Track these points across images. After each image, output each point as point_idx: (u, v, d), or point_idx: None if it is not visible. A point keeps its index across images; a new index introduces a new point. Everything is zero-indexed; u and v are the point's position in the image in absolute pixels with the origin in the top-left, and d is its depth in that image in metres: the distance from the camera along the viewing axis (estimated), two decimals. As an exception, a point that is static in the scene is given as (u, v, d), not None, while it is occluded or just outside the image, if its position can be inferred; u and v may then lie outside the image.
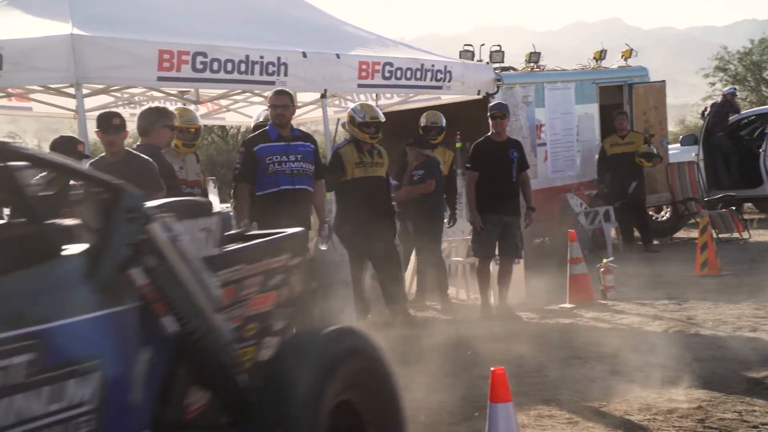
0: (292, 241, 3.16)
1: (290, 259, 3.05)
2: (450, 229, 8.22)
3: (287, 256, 3.04)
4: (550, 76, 10.36)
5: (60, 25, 5.97)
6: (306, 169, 5.87)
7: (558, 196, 10.08)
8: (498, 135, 7.12)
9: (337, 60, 7.37)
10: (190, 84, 7.16)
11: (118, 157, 5.00)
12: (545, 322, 6.81)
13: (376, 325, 6.62)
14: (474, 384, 4.81)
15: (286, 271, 3.03)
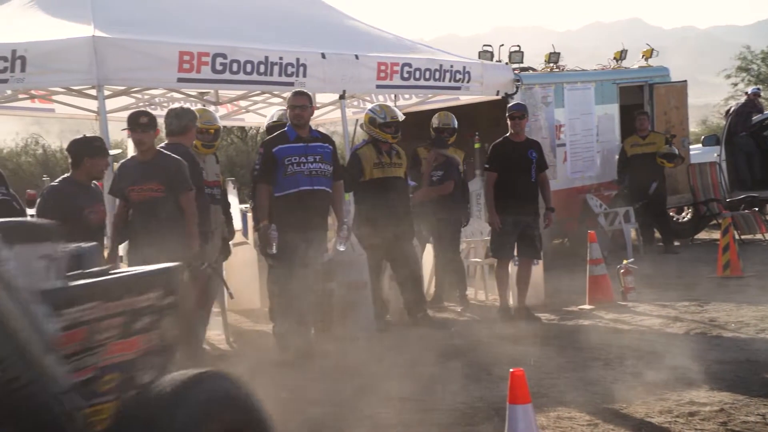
0: (165, 276, 2.68)
1: (161, 297, 2.59)
2: (468, 230, 8.20)
3: (158, 293, 2.58)
4: (569, 76, 10.30)
5: (82, 27, 6.03)
6: (324, 170, 5.88)
7: (577, 196, 10.02)
8: (517, 135, 7.09)
9: (356, 61, 7.38)
10: (210, 85, 7.20)
11: (148, 156, 5.06)
12: (564, 323, 6.77)
13: (394, 326, 6.63)
14: (493, 385, 4.79)
15: (157, 312, 2.56)
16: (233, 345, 6.47)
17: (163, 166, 5.02)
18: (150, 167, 5.01)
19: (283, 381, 5.13)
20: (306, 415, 4.45)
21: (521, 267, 7.05)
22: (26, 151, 17.67)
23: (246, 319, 7.56)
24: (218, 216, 6.04)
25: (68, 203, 4.67)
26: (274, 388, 4.95)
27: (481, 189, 8.28)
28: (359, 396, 4.72)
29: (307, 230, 5.75)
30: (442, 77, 8.07)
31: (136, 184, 5.01)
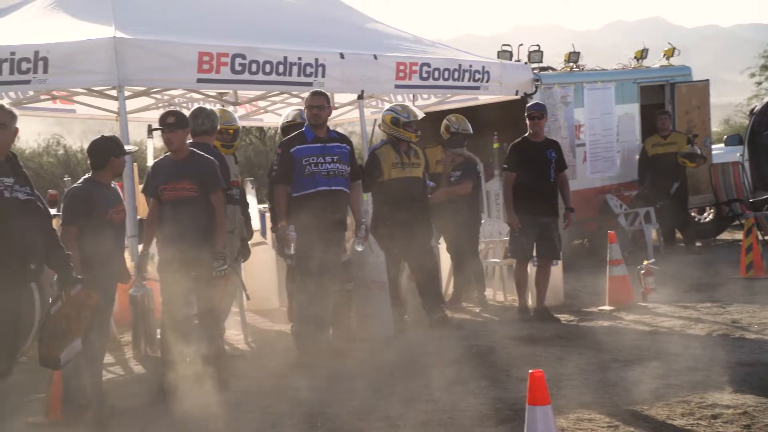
0: None
1: None
2: (487, 230, 8.18)
3: None
4: (589, 75, 10.24)
5: (103, 28, 6.09)
6: (342, 170, 5.89)
7: (597, 197, 9.97)
8: (535, 135, 7.06)
9: (375, 61, 7.38)
10: (229, 85, 7.24)
11: (181, 155, 5.10)
12: (584, 324, 6.73)
13: (412, 326, 6.63)
14: (512, 386, 4.78)
15: None
16: (252, 345, 6.51)
17: (195, 166, 5.06)
18: (183, 166, 5.05)
19: (301, 381, 5.15)
20: (325, 415, 4.46)
21: (540, 268, 7.02)
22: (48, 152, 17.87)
23: (264, 319, 7.59)
24: (237, 216, 6.08)
25: (94, 204, 4.71)
26: (293, 389, 4.99)
27: (499, 189, 8.25)
28: (377, 396, 4.72)
29: (325, 230, 5.77)
30: (461, 77, 8.06)
31: (169, 183, 5.06)
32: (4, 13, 6.86)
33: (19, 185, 3.80)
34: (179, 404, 4.77)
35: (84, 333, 4.12)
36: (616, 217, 9.76)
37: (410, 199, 6.60)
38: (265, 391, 5.01)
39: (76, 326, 4.03)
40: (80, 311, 4.06)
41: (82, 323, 4.08)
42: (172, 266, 4.97)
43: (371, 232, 6.39)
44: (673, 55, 11.06)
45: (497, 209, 8.54)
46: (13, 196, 3.74)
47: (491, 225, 8.37)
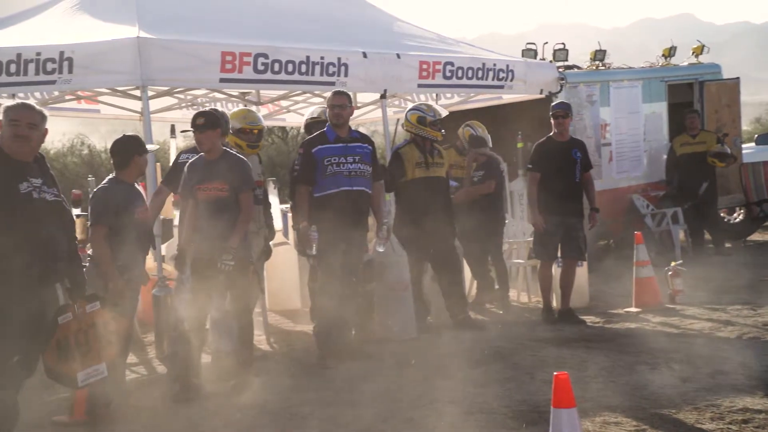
0: None
1: None
2: (511, 231, 8.14)
3: None
4: (615, 74, 10.16)
5: (127, 28, 6.15)
6: (364, 171, 5.90)
7: (623, 197, 9.88)
8: (560, 135, 7.02)
9: (398, 60, 7.38)
10: (252, 85, 7.28)
11: (214, 155, 5.12)
12: (610, 326, 6.67)
13: (435, 327, 6.62)
14: (536, 389, 4.75)
15: None
16: (273, 345, 6.54)
17: (228, 166, 5.09)
18: (215, 166, 5.08)
19: (323, 382, 5.16)
20: (347, 417, 4.47)
21: (565, 268, 6.98)
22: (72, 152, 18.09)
23: (286, 319, 7.62)
24: (261, 216, 6.11)
25: (121, 203, 4.75)
26: (315, 389, 5.00)
27: (523, 189, 8.21)
28: (399, 398, 4.72)
29: (347, 231, 5.77)
30: (485, 76, 8.03)
31: (203, 183, 5.10)
32: (31, 14, 6.97)
33: (47, 186, 3.85)
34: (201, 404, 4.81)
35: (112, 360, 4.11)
36: (643, 217, 9.68)
37: (433, 199, 6.58)
38: (287, 391, 5.02)
39: (96, 348, 3.98)
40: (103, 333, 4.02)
41: (108, 349, 4.06)
42: (206, 266, 5.00)
43: (394, 232, 6.38)
44: (702, 53, 10.92)
45: (521, 209, 8.50)
46: (41, 197, 3.79)
47: (515, 225, 8.33)
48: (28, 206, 3.74)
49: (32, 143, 3.84)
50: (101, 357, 4.04)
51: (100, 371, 4.03)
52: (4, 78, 5.83)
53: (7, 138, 3.79)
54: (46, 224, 3.79)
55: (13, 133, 3.78)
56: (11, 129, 3.78)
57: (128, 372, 5.40)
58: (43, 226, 3.77)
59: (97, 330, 4.03)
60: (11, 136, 3.78)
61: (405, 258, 6.43)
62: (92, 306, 4.03)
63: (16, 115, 3.80)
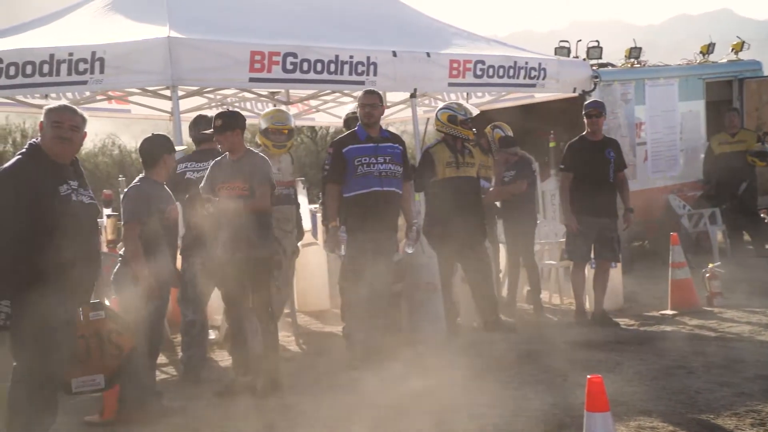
0: None
1: None
2: (543, 231, 8.09)
3: None
4: (651, 72, 10.04)
5: (158, 28, 6.23)
6: (394, 171, 5.89)
7: (659, 197, 9.76)
8: (593, 134, 6.95)
9: (428, 59, 7.38)
10: (281, 84, 7.33)
11: (237, 155, 5.16)
12: (645, 329, 6.59)
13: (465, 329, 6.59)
14: (569, 392, 4.70)
15: None
16: (303, 347, 6.57)
17: (248, 165, 5.11)
18: (237, 166, 5.13)
19: (351, 384, 5.17)
20: (373, 420, 4.47)
21: (598, 270, 6.91)
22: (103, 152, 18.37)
23: (315, 320, 7.65)
24: (294, 216, 6.15)
25: (152, 202, 4.80)
26: (342, 391, 5.01)
27: (555, 189, 8.15)
28: (429, 400, 4.71)
29: (377, 231, 5.77)
30: (517, 74, 7.99)
31: (225, 182, 5.14)
32: (62, 14, 7.09)
33: (83, 188, 3.90)
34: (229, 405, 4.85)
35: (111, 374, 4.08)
36: (679, 218, 9.56)
37: (464, 199, 6.56)
38: (316, 393, 5.04)
39: (97, 357, 3.98)
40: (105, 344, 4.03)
41: (109, 362, 4.04)
42: (228, 265, 5.04)
43: (424, 233, 6.37)
44: (742, 50, 10.75)
45: (553, 210, 8.44)
46: (79, 199, 3.84)
47: (547, 226, 8.27)
48: (69, 209, 3.78)
49: (74, 146, 3.87)
50: (101, 368, 4.03)
51: (96, 382, 4.02)
52: (37, 78, 5.94)
53: (49, 139, 3.80)
54: (84, 227, 3.84)
55: (56, 135, 3.80)
56: (54, 131, 3.80)
57: (158, 372, 5.46)
58: (82, 228, 3.82)
59: (100, 340, 4.04)
60: (54, 137, 3.80)
61: (434, 259, 6.42)
62: (96, 314, 4.02)
63: (59, 117, 3.83)
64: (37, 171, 3.74)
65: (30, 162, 3.77)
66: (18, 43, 6.22)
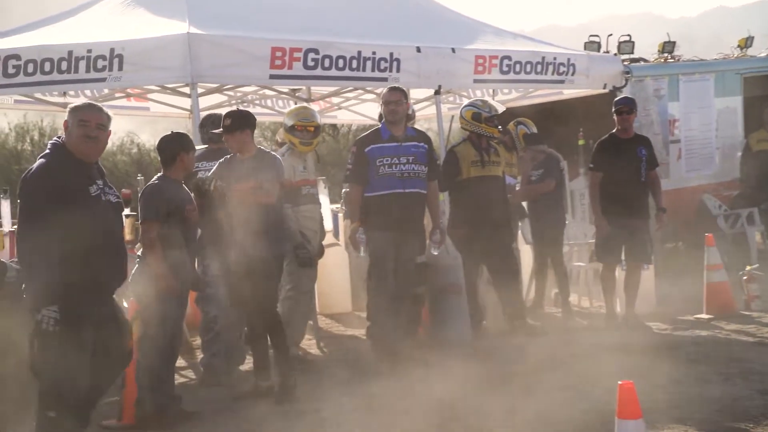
0: None
1: None
2: (571, 232, 8.04)
3: None
4: (686, 66, 9.94)
5: (178, 24, 6.29)
6: (418, 171, 5.85)
7: (693, 197, 9.67)
8: (624, 132, 6.89)
9: (453, 54, 7.37)
10: (302, 81, 7.36)
11: (246, 155, 5.17)
12: (679, 333, 6.53)
13: (491, 333, 6.57)
14: (599, 398, 4.66)
15: None
16: (324, 350, 6.58)
17: (259, 164, 5.12)
18: (248, 166, 5.13)
19: (373, 389, 5.17)
20: (396, 427, 4.47)
21: (629, 272, 6.86)
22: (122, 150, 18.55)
23: (337, 323, 7.66)
24: (318, 215, 6.16)
25: (171, 201, 4.83)
26: (367, 396, 5.01)
27: (584, 189, 8.10)
28: (455, 407, 4.70)
29: (399, 233, 5.75)
30: (545, 70, 7.95)
31: (237, 182, 5.15)
32: (80, 9, 7.17)
33: (108, 187, 3.94)
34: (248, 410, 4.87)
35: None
36: (715, 218, 9.46)
37: (490, 199, 6.54)
38: (337, 398, 5.05)
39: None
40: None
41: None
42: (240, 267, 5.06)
43: (448, 234, 6.35)
44: (782, 43, 10.59)
45: (582, 210, 8.39)
46: (107, 199, 3.88)
47: (576, 226, 8.22)
48: (99, 209, 3.81)
49: (100, 145, 3.89)
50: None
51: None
52: (56, 76, 6.02)
53: (75, 138, 3.82)
54: (114, 227, 3.90)
55: (83, 133, 3.82)
56: (81, 129, 3.82)
57: (177, 376, 5.50)
58: (113, 229, 3.88)
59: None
60: (81, 136, 3.81)
61: (459, 260, 6.40)
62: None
63: (86, 116, 3.85)
64: (67, 172, 3.76)
65: (58, 163, 3.79)
66: (36, 40, 6.30)
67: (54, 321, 3.66)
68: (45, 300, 3.67)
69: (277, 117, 9.68)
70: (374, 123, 6.73)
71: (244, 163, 5.14)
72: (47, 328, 3.67)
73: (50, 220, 3.64)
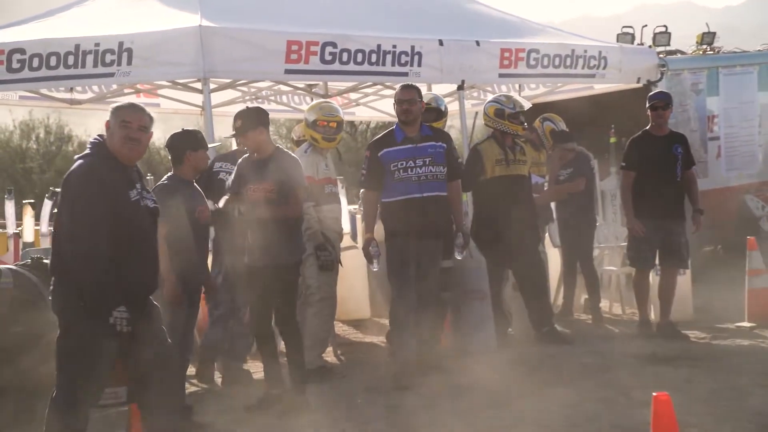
0: None
1: None
2: (602, 234, 8.00)
3: None
4: (726, 59, 9.86)
5: (189, 16, 6.33)
6: (436, 173, 5.72)
7: (734, 197, 9.59)
8: (659, 128, 6.85)
9: (477, 47, 7.36)
10: (319, 76, 7.38)
11: (262, 155, 5.13)
12: (718, 343, 6.48)
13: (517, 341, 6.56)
14: (632, 411, 4.65)
15: None
16: (341, 358, 6.60)
17: (276, 166, 5.06)
18: (264, 166, 5.09)
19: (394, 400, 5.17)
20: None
21: (664, 277, 6.82)
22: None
23: (355, 330, 7.68)
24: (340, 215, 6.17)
25: (180, 201, 4.84)
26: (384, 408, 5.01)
27: (616, 189, 8.07)
28: (479, 419, 4.69)
29: (419, 239, 5.66)
30: (574, 64, 7.93)
31: (252, 183, 5.15)
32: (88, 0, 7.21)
33: (145, 192, 4.00)
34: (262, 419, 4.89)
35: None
36: (758, 220, 9.39)
37: (515, 200, 6.51)
38: (354, 409, 5.05)
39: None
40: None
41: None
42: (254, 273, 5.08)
43: (471, 236, 6.32)
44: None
45: (614, 211, 8.35)
46: (145, 204, 3.94)
47: (607, 228, 8.18)
48: (138, 214, 3.87)
49: (141, 147, 3.94)
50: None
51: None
52: (62, 71, 6.07)
53: (117, 140, 3.86)
54: (150, 234, 3.96)
55: (126, 135, 3.86)
56: (123, 131, 3.86)
57: (188, 385, 5.53)
58: (150, 236, 3.94)
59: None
60: (123, 138, 3.86)
61: (483, 264, 6.39)
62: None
63: (128, 117, 3.89)
64: (109, 174, 3.81)
65: (100, 164, 3.83)
66: (41, 33, 6.35)
67: (127, 321, 3.76)
68: (112, 302, 3.74)
69: (293, 114, 9.75)
70: (394, 120, 6.71)
71: (263, 164, 5.09)
72: (122, 329, 3.76)
73: (98, 223, 3.70)
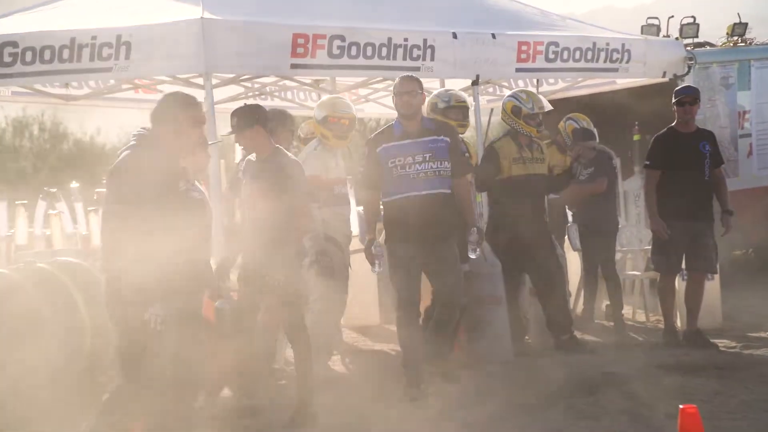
0: None
1: None
2: (625, 237, 7.99)
3: None
4: (759, 51, 9.83)
5: (190, 8, 6.33)
6: (438, 169, 5.57)
7: (766, 198, 9.55)
8: (685, 125, 6.84)
9: (493, 41, 7.34)
10: (326, 71, 7.36)
11: (263, 155, 5.13)
12: (749, 352, 6.46)
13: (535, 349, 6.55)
14: (658, 424, 4.65)
15: None
16: (349, 366, 6.61)
17: (275, 167, 5.06)
18: (262, 167, 5.10)
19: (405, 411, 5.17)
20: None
21: (691, 282, 6.80)
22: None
23: (363, 336, 7.69)
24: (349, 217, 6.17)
25: None
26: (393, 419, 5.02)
27: (640, 189, 8.05)
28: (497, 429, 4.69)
29: (422, 243, 5.58)
30: (596, 57, 7.90)
31: (249, 185, 5.15)
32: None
33: (191, 184, 4.18)
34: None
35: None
36: (792, 222, 9.34)
37: (533, 200, 6.51)
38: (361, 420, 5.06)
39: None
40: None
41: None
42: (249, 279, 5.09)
43: (487, 239, 6.31)
44: None
45: (637, 212, 8.35)
46: (191, 196, 4.13)
47: (630, 231, 8.17)
48: (187, 206, 4.03)
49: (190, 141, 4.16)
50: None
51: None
52: (56, 65, 6.07)
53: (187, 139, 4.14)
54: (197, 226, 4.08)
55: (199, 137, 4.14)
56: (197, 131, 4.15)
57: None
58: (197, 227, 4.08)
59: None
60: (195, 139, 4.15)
61: (499, 268, 6.38)
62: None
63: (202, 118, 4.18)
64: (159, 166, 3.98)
65: (149, 156, 4.00)
66: (35, 25, 6.37)
67: (161, 319, 3.89)
68: (150, 297, 3.88)
69: (299, 110, 9.74)
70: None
71: (262, 166, 5.08)
72: (155, 327, 3.89)
73: (147, 218, 3.83)
